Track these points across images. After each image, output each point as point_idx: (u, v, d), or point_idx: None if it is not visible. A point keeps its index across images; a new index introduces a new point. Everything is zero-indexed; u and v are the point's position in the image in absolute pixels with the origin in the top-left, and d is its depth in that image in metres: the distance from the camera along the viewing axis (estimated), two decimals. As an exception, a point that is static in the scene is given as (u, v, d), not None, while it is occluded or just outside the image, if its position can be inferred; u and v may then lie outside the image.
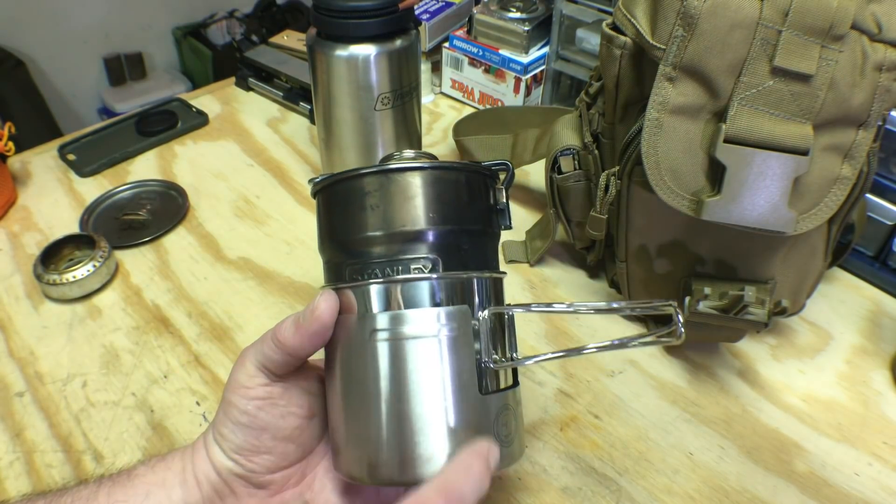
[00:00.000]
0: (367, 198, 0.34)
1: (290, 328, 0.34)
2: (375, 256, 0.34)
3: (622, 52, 0.46)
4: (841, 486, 0.46)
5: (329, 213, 0.36)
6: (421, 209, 0.34)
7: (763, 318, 0.46)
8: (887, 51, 0.40)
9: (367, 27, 0.56)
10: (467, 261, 0.35)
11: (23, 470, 0.46)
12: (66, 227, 0.68)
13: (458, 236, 0.34)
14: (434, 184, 0.34)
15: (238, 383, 0.35)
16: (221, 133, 0.84)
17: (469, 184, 0.36)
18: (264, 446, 0.35)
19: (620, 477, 0.46)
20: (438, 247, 0.34)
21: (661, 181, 0.43)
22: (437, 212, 0.34)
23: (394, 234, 0.34)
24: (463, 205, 0.35)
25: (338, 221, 0.36)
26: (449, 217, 0.34)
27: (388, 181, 0.34)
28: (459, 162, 0.36)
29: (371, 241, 0.34)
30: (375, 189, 0.34)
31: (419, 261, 0.34)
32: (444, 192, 0.34)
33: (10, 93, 1.84)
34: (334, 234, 0.36)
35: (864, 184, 0.45)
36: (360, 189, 0.34)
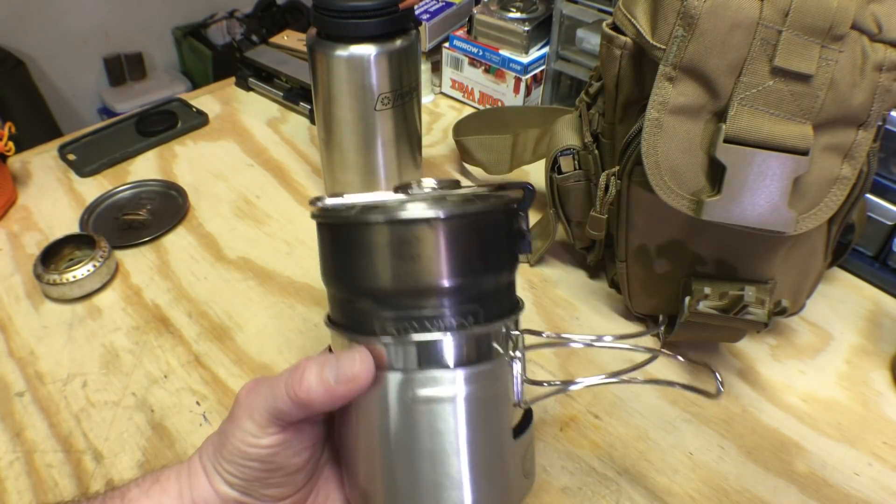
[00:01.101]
0: (404, 247, 0.30)
1: (315, 387, 0.30)
2: (412, 308, 0.31)
3: (622, 52, 0.46)
4: (841, 486, 0.46)
5: (350, 254, 0.32)
6: (466, 260, 0.31)
7: (763, 318, 0.46)
8: (887, 51, 0.40)
9: (367, 27, 0.56)
10: (498, 303, 0.33)
11: (23, 470, 0.46)
12: (66, 227, 0.68)
13: (495, 281, 0.33)
14: (479, 231, 0.32)
15: (247, 434, 0.32)
16: (221, 133, 0.84)
17: (505, 223, 0.34)
18: (275, 481, 0.33)
19: (620, 477, 0.46)
20: (477, 296, 0.32)
21: (661, 181, 0.43)
22: (481, 261, 0.32)
23: (437, 287, 0.31)
24: (502, 248, 0.33)
25: (364, 266, 0.31)
26: (492, 265, 0.32)
27: (429, 230, 0.30)
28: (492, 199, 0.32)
29: (410, 293, 0.31)
30: (415, 238, 0.30)
31: (460, 313, 0.31)
32: (487, 238, 0.32)
33: (10, 93, 1.84)
34: (358, 278, 0.32)
35: (864, 184, 0.45)
36: (395, 236, 0.31)
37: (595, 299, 0.60)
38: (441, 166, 0.77)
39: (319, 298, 0.60)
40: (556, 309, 0.59)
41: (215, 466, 0.33)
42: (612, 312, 0.59)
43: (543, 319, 0.58)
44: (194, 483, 0.33)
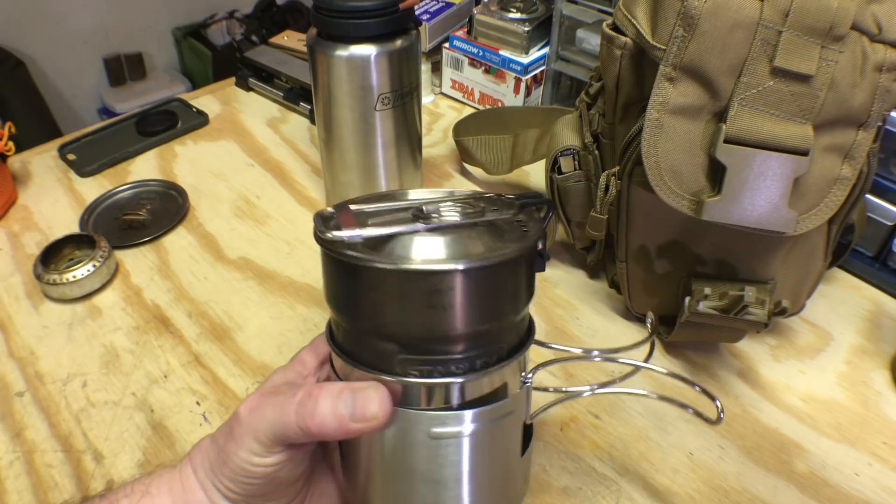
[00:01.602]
0: (436, 296, 0.29)
1: (329, 421, 0.30)
2: (437, 353, 0.31)
3: (622, 52, 0.46)
4: (841, 486, 0.46)
5: (372, 296, 0.30)
6: (498, 304, 0.31)
7: (763, 319, 0.46)
8: (887, 51, 0.40)
9: (368, 27, 0.56)
10: (518, 336, 0.34)
11: (23, 470, 0.46)
12: (66, 227, 0.68)
13: (519, 318, 0.33)
14: (511, 273, 0.31)
15: (251, 453, 0.31)
16: (221, 133, 0.84)
17: (531, 258, 0.33)
18: (277, 493, 0.33)
19: (620, 477, 0.46)
20: (500, 337, 0.32)
21: (661, 181, 0.43)
22: (511, 303, 0.32)
23: (466, 334, 0.30)
24: (528, 285, 0.33)
25: (388, 311, 0.30)
26: (519, 305, 0.32)
27: (464, 279, 0.29)
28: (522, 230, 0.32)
29: (438, 339, 0.31)
30: (448, 289, 0.29)
31: (482, 355, 0.31)
32: (517, 279, 0.32)
33: (10, 93, 1.84)
34: (381, 321, 0.31)
35: (864, 184, 0.45)
36: (426, 284, 0.29)
37: (595, 299, 0.60)
38: (441, 166, 0.77)
39: (319, 299, 0.60)
40: (556, 309, 0.59)
41: (214, 483, 0.33)
42: (612, 312, 0.59)
43: (543, 319, 0.58)
44: (189, 499, 0.33)
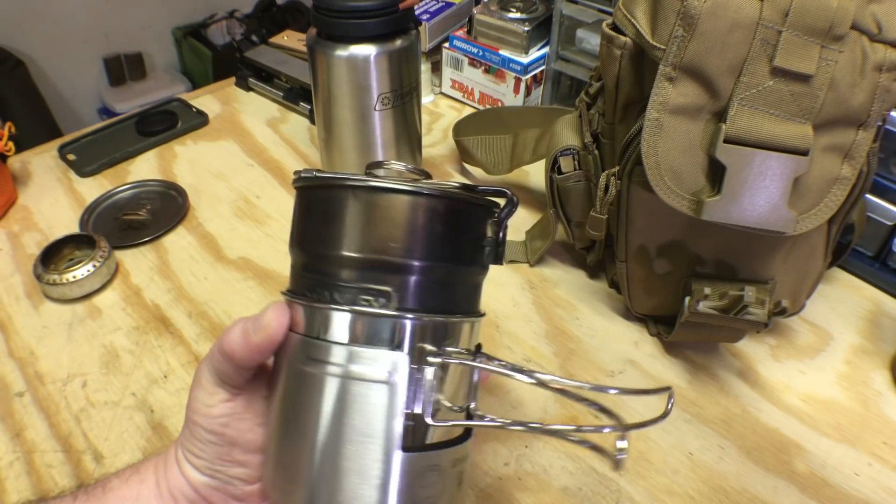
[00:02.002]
0: (346, 212, 0.31)
1: (238, 339, 0.32)
2: (336, 277, 0.31)
3: (622, 52, 0.46)
4: (841, 486, 0.46)
5: (303, 217, 0.34)
6: (403, 238, 0.30)
7: (763, 319, 0.46)
8: (887, 51, 0.40)
9: (368, 27, 0.56)
10: (438, 300, 0.31)
11: (23, 470, 0.46)
12: (66, 227, 0.68)
13: (435, 272, 0.31)
14: (426, 212, 0.31)
15: (199, 402, 0.33)
16: (221, 133, 0.84)
17: (463, 215, 0.32)
18: (236, 460, 0.34)
19: (620, 477, 0.46)
20: (409, 282, 0.31)
21: (661, 181, 0.43)
22: (420, 243, 0.30)
23: (363, 259, 0.30)
24: (450, 238, 0.31)
25: (309, 228, 0.33)
26: (433, 252, 0.31)
27: (374, 200, 0.30)
28: (456, 190, 0.32)
29: (335, 260, 0.31)
30: (359, 206, 0.31)
31: (383, 293, 0.30)
32: (434, 222, 0.31)
33: (10, 93, 1.84)
34: (303, 239, 0.33)
35: (863, 184, 0.45)
36: (341, 201, 0.31)
37: (595, 299, 0.60)
38: (441, 166, 0.77)
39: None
40: (556, 309, 0.59)
41: (184, 454, 0.34)
42: (611, 312, 0.59)
43: (543, 319, 0.58)
44: (169, 474, 0.34)
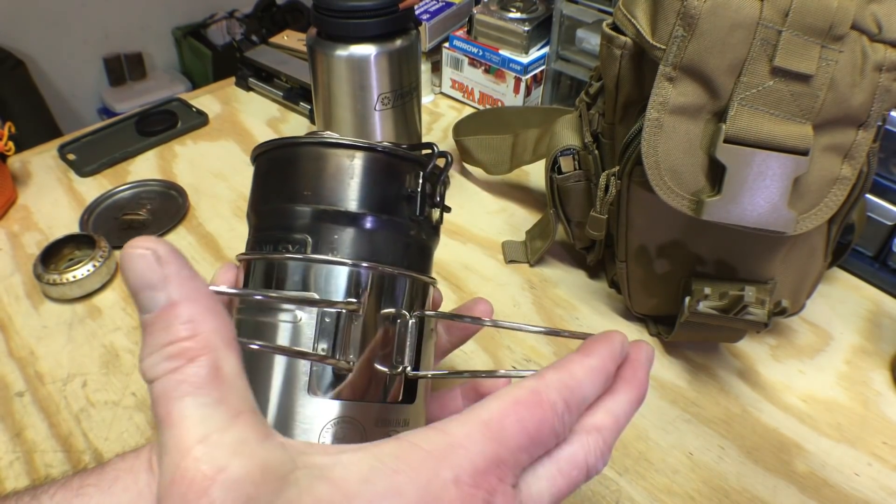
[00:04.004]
0: (266, 170, 0.33)
1: None
2: (258, 228, 0.34)
3: (622, 52, 0.46)
4: (841, 486, 0.46)
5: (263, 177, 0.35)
6: (299, 184, 0.32)
7: (763, 319, 0.46)
8: (887, 51, 0.40)
9: (368, 27, 0.56)
10: (358, 249, 0.31)
11: (23, 470, 0.46)
12: (66, 227, 0.68)
13: (347, 219, 0.31)
14: (320, 160, 0.32)
15: None
16: (221, 133, 0.84)
17: (371, 164, 0.32)
18: None
19: (620, 477, 0.46)
20: (324, 228, 0.31)
21: (661, 181, 0.43)
22: (313, 189, 0.31)
23: (277, 209, 0.32)
24: (361, 186, 0.31)
25: (251, 192, 0.35)
26: (326, 197, 0.31)
27: (271, 154, 0.33)
28: (365, 142, 0.33)
29: (257, 213, 0.34)
30: (273, 162, 0.33)
31: (299, 241, 0.31)
32: (341, 170, 0.32)
33: (10, 93, 1.85)
34: (249, 202, 0.36)
35: (864, 184, 0.45)
36: (263, 162, 0.34)
37: (595, 299, 0.60)
38: (441, 166, 0.77)
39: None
40: (556, 309, 0.59)
41: None
42: (612, 312, 0.59)
43: (543, 319, 0.58)
44: None
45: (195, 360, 0.21)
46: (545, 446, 0.24)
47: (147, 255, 0.21)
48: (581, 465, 0.25)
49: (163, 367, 0.21)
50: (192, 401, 0.20)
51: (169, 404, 0.20)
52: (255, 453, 0.20)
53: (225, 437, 0.20)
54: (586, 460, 0.25)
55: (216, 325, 0.21)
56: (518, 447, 0.23)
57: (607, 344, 0.27)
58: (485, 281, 0.62)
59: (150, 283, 0.21)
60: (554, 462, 0.25)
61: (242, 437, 0.20)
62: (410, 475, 0.21)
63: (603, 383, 0.27)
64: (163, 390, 0.20)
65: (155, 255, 0.21)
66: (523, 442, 0.23)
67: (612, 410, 0.27)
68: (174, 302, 0.21)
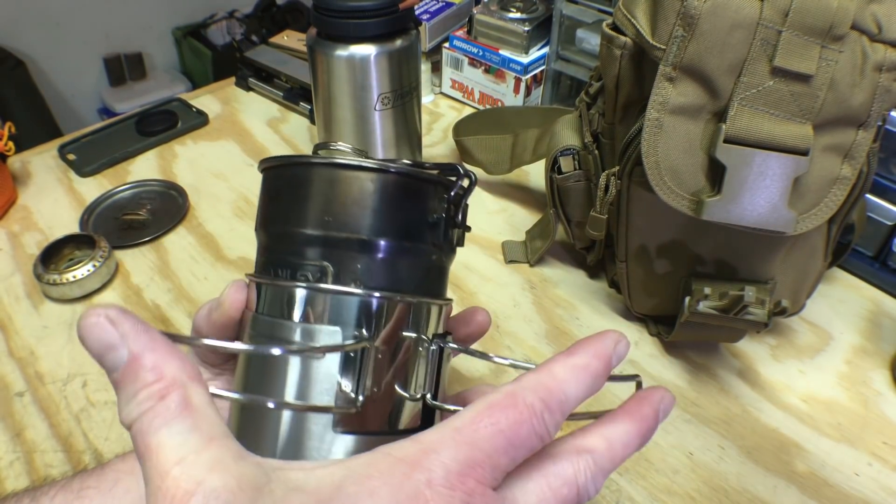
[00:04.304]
0: (282, 190, 0.31)
1: (203, 317, 0.32)
2: (271, 250, 0.32)
3: (622, 52, 0.46)
4: (841, 486, 0.46)
5: (260, 199, 0.34)
6: (319, 209, 0.30)
7: (763, 319, 0.46)
8: (887, 51, 0.40)
9: (368, 27, 0.56)
10: (380, 277, 0.30)
11: (23, 470, 0.46)
12: (66, 227, 0.68)
13: (370, 247, 0.30)
14: (353, 185, 0.30)
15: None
16: (221, 133, 0.84)
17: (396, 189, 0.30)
18: None
19: (620, 477, 0.46)
20: (348, 257, 0.30)
21: (661, 181, 0.43)
22: (334, 216, 0.29)
23: (296, 234, 0.30)
24: (385, 213, 0.30)
25: (260, 209, 0.33)
26: (348, 224, 0.30)
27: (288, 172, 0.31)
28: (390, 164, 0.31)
29: (270, 234, 0.32)
30: (291, 182, 0.31)
31: (321, 269, 0.30)
32: (364, 195, 0.30)
33: (10, 93, 1.85)
34: (256, 220, 0.34)
35: (864, 184, 0.45)
36: (276, 179, 0.32)
37: (595, 299, 0.60)
38: (441, 166, 0.77)
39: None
40: (556, 309, 0.59)
41: None
42: (612, 312, 0.59)
43: (543, 319, 0.58)
44: None
45: (165, 397, 0.22)
46: (527, 448, 0.24)
47: (100, 321, 0.23)
48: (571, 482, 0.25)
49: (137, 410, 0.22)
50: (167, 430, 0.21)
51: (146, 438, 0.21)
52: (231, 469, 0.21)
53: (201, 458, 0.21)
54: (576, 478, 0.25)
55: (178, 364, 0.23)
56: (494, 449, 0.23)
57: (595, 342, 0.27)
58: (485, 281, 0.62)
59: (110, 344, 0.23)
60: (543, 476, 0.25)
61: (217, 456, 0.21)
62: (383, 479, 0.22)
63: (589, 382, 0.26)
64: (139, 429, 0.22)
65: (108, 318, 0.23)
66: (499, 444, 0.23)
67: (606, 436, 0.27)
68: (135, 354, 0.22)
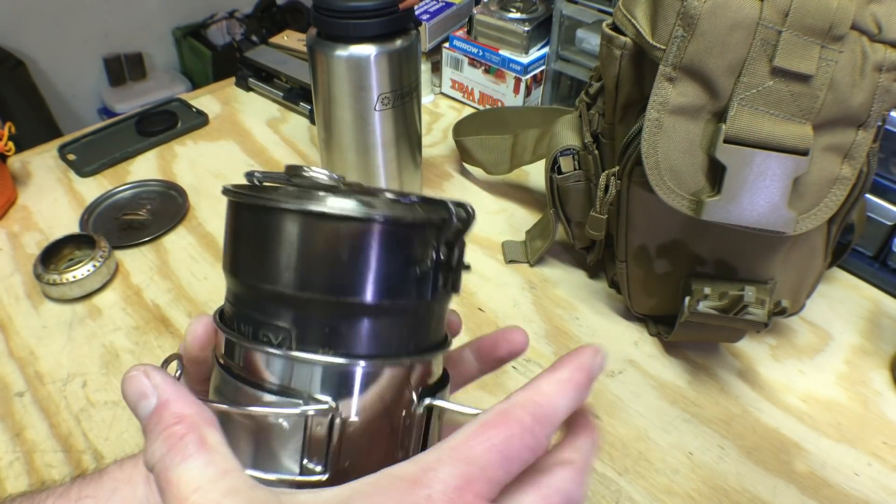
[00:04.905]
0: (237, 230, 0.27)
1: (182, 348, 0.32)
2: (235, 300, 0.28)
3: (622, 52, 0.46)
4: (841, 486, 0.46)
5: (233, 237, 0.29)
6: (281, 262, 0.25)
7: (763, 319, 0.46)
8: (887, 51, 0.40)
9: (368, 27, 0.56)
10: (336, 341, 0.26)
11: (23, 470, 0.46)
12: (66, 227, 0.68)
13: (323, 308, 0.26)
14: (308, 232, 0.25)
15: None
16: (221, 133, 0.84)
17: (368, 238, 0.25)
18: None
19: (620, 477, 0.46)
20: (308, 319, 0.26)
21: (661, 181, 0.43)
22: (297, 272, 0.25)
23: (241, 283, 0.27)
24: (351, 268, 0.25)
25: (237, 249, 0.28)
26: (313, 283, 0.25)
27: (245, 212, 0.26)
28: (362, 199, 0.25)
29: (233, 281, 0.28)
30: (248, 223, 0.27)
31: (269, 326, 0.26)
32: (310, 245, 0.25)
33: (10, 93, 1.84)
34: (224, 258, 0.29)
35: (863, 184, 0.45)
36: (233, 216, 0.27)
37: (595, 299, 0.60)
38: (441, 166, 0.77)
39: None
40: (556, 309, 0.59)
41: None
42: (611, 312, 0.59)
43: (543, 319, 0.58)
44: None
45: (184, 437, 0.25)
46: (520, 461, 0.25)
47: (138, 374, 0.27)
48: (562, 490, 0.26)
49: (160, 450, 0.25)
50: (185, 465, 0.24)
51: (167, 473, 0.24)
52: (244, 493, 0.23)
53: (216, 486, 0.23)
54: (566, 486, 0.27)
55: (196, 411, 0.26)
56: (489, 464, 0.24)
57: (576, 356, 0.28)
58: (485, 281, 0.62)
59: (143, 392, 0.26)
60: (536, 489, 0.26)
61: (232, 485, 0.24)
62: (387, 495, 0.24)
63: (574, 394, 0.27)
64: (161, 468, 0.24)
65: (143, 372, 0.27)
66: (494, 459, 0.24)
67: (577, 447, 0.29)
68: (163, 402, 0.26)
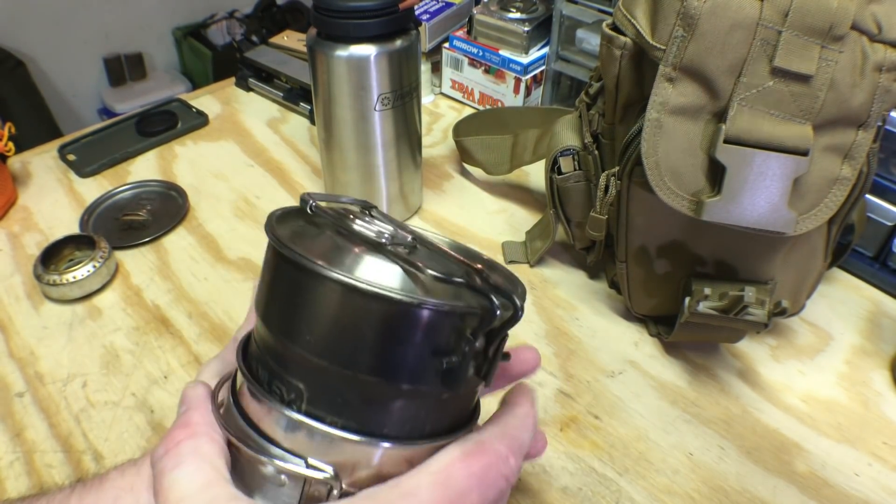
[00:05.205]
0: (274, 282, 0.27)
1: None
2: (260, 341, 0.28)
3: (622, 52, 0.46)
4: (841, 487, 0.46)
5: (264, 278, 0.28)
6: (304, 322, 0.25)
7: (763, 319, 0.46)
8: (887, 51, 0.40)
9: (368, 27, 0.56)
10: (343, 413, 0.25)
11: (23, 470, 0.46)
12: (66, 228, 0.68)
13: (339, 377, 0.25)
14: (326, 298, 0.24)
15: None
16: (221, 133, 0.84)
17: (398, 319, 0.24)
18: None
19: (620, 477, 0.46)
20: (308, 376, 0.26)
21: (661, 181, 0.43)
22: (317, 337, 0.25)
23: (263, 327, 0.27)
24: (365, 343, 0.24)
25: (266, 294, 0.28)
26: (332, 351, 0.25)
27: (280, 261, 0.26)
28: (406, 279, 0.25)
29: (262, 323, 0.27)
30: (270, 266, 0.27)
31: (284, 380, 0.26)
32: (334, 313, 0.25)
33: (10, 93, 1.85)
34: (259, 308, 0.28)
35: (863, 184, 0.45)
36: (273, 267, 0.27)
37: (595, 299, 0.60)
38: (441, 167, 0.77)
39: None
40: (556, 309, 0.59)
41: None
42: (611, 313, 0.59)
43: (543, 320, 0.58)
44: None
45: (180, 443, 0.27)
46: (496, 488, 0.27)
47: (188, 387, 0.31)
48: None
49: (160, 451, 0.28)
50: (176, 472, 0.26)
51: (161, 478, 0.27)
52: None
53: (198, 498, 0.25)
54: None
55: (206, 420, 0.29)
56: (467, 489, 0.26)
57: (528, 393, 0.32)
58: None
59: (182, 401, 0.31)
60: None
61: (214, 495, 0.26)
62: None
63: (531, 427, 0.30)
64: (158, 470, 0.27)
65: (193, 386, 0.31)
66: (472, 484, 0.26)
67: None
68: (187, 409, 0.30)
